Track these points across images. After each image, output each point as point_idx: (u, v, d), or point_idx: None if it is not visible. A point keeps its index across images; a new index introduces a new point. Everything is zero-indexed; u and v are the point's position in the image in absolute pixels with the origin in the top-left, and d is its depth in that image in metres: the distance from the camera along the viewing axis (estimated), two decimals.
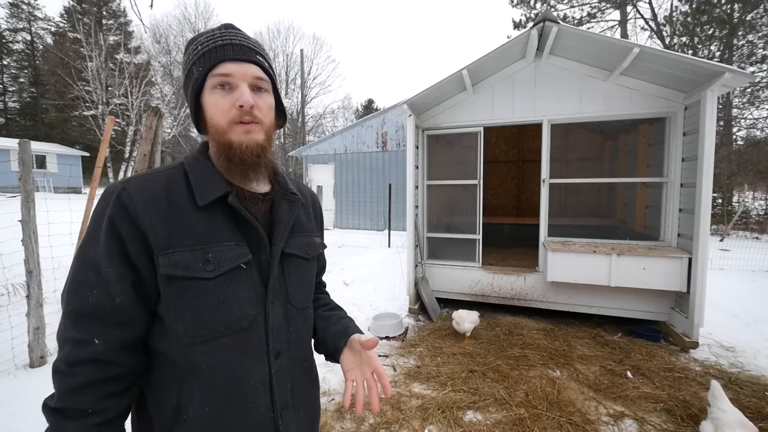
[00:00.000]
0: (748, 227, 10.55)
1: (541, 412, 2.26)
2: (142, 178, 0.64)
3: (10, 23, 25.71)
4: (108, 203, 0.60)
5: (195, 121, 0.70)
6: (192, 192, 0.64)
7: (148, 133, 2.76)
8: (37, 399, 2.22)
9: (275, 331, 0.69)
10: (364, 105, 34.16)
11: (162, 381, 0.65)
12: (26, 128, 26.71)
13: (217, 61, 0.63)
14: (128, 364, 0.62)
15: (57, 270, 3.25)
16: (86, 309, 0.59)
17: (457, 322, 3.37)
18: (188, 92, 0.68)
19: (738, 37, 11.19)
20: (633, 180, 4.35)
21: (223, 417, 0.63)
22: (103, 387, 0.59)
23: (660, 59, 3.10)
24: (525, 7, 15.27)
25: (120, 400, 0.62)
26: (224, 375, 0.63)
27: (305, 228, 0.81)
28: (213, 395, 0.63)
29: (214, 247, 0.63)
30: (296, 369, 0.75)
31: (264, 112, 0.67)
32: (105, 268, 0.59)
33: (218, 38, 0.65)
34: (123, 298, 0.60)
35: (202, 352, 0.62)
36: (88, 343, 0.59)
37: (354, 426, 2.17)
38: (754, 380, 2.65)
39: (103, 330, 0.59)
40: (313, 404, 0.82)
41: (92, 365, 0.59)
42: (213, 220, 0.64)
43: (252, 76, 0.65)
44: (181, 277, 0.60)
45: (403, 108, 3.92)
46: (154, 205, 0.61)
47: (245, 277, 0.66)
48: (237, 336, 0.65)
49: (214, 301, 0.62)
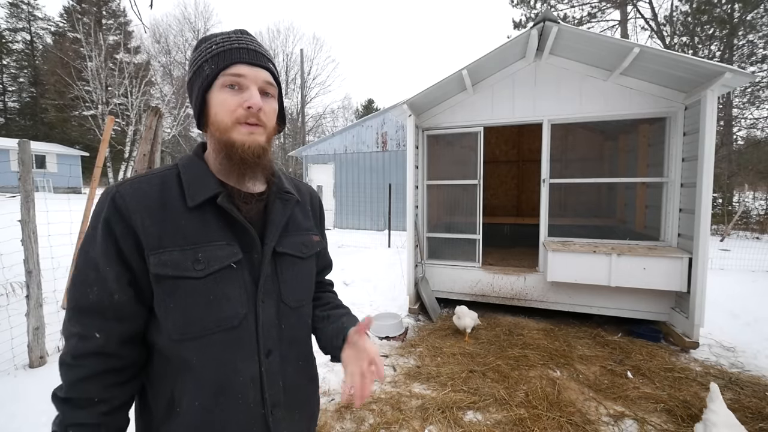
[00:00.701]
0: (748, 227, 10.55)
1: (542, 412, 2.26)
2: (136, 180, 0.66)
3: (9, 23, 25.71)
4: (104, 205, 0.63)
5: (197, 117, 0.72)
6: (184, 193, 0.66)
7: (148, 133, 2.76)
8: (36, 399, 2.23)
9: (266, 330, 0.70)
10: (364, 105, 34.14)
11: (159, 374, 0.67)
12: (26, 128, 26.71)
13: (232, 62, 0.66)
14: (129, 357, 0.65)
15: (57, 270, 3.24)
16: (87, 305, 0.62)
17: (458, 317, 3.41)
18: (194, 88, 0.69)
19: (738, 37, 11.18)
20: (633, 180, 4.35)
21: (212, 412, 0.65)
22: (107, 377, 0.63)
23: (660, 59, 3.09)
24: (525, 7, 15.26)
25: (124, 389, 0.66)
26: (214, 371, 0.65)
27: (301, 226, 0.81)
28: (203, 390, 0.65)
29: (205, 247, 0.64)
30: (289, 367, 0.75)
31: (269, 116, 0.69)
32: (103, 267, 0.62)
33: (234, 41, 0.68)
34: (121, 295, 0.62)
35: (192, 349, 0.64)
36: (90, 337, 0.62)
37: (354, 426, 2.17)
38: (755, 380, 2.65)
39: (103, 324, 0.62)
40: (309, 403, 0.82)
41: (95, 358, 0.62)
42: (204, 221, 0.66)
43: (263, 80, 0.68)
44: (170, 276, 0.62)
45: (403, 108, 3.92)
46: (146, 206, 0.63)
47: (235, 276, 0.67)
48: (227, 333, 0.66)
49: (204, 300, 0.64)
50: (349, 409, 2.31)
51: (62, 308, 3.46)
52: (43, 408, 2.11)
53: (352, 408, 2.32)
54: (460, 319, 3.41)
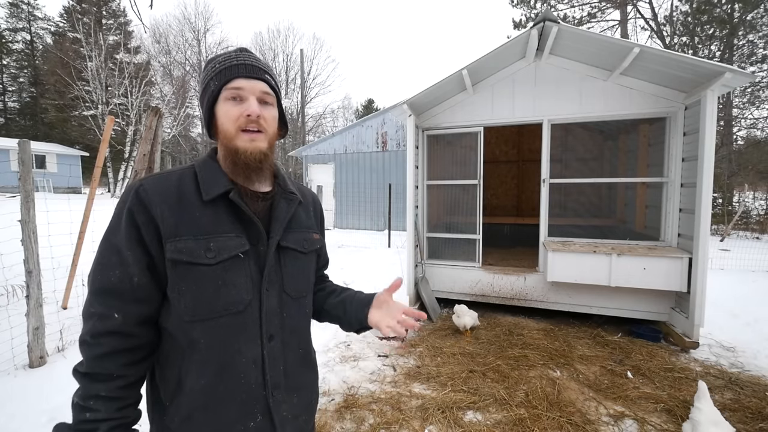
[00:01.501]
0: (748, 227, 10.56)
1: (542, 412, 2.26)
2: (157, 176, 0.75)
3: (9, 23, 25.72)
4: (128, 197, 0.70)
5: (207, 128, 0.81)
6: (200, 189, 0.74)
7: (148, 133, 2.76)
8: (36, 399, 2.23)
9: (269, 316, 0.77)
10: (364, 105, 34.13)
11: (168, 355, 0.74)
12: (26, 128, 26.72)
13: (231, 77, 0.74)
14: (145, 337, 0.72)
15: (57, 270, 3.25)
16: (109, 286, 0.68)
17: (458, 315, 3.44)
18: (204, 102, 0.78)
19: (738, 37, 11.18)
20: (633, 180, 4.35)
21: (215, 389, 0.71)
22: (124, 355, 0.69)
23: (660, 59, 3.09)
24: (525, 7, 15.27)
25: (139, 367, 0.72)
26: (219, 352, 0.71)
27: (303, 224, 0.88)
28: (208, 370, 0.71)
29: (216, 237, 0.71)
30: (290, 353, 0.81)
31: (268, 122, 0.77)
32: (125, 251, 0.68)
33: (233, 59, 0.77)
34: (140, 277, 0.69)
35: (200, 329, 0.70)
36: (110, 317, 0.68)
37: (354, 426, 2.17)
38: (755, 380, 2.65)
39: (122, 305, 0.68)
40: (308, 389, 0.87)
41: (113, 336, 0.68)
42: (216, 214, 0.73)
43: (260, 90, 0.76)
44: (185, 262, 0.69)
45: (403, 108, 3.92)
46: (165, 199, 0.70)
47: (243, 265, 0.74)
48: (233, 317, 0.72)
49: (213, 285, 0.71)
50: (349, 409, 2.31)
51: (62, 308, 3.46)
52: (43, 408, 2.11)
53: (352, 408, 2.32)
54: (459, 317, 3.42)
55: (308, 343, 0.90)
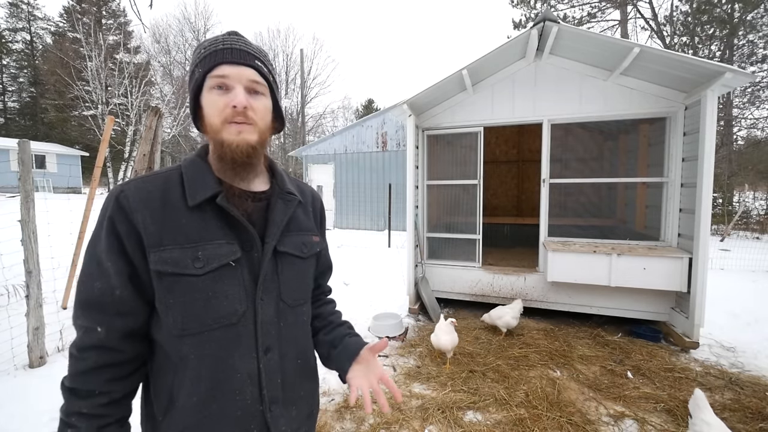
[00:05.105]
0: (748, 227, 10.55)
1: (542, 412, 2.26)
2: (141, 179, 0.68)
3: (9, 23, 25.71)
4: (109, 204, 0.66)
5: (194, 120, 0.73)
6: (185, 192, 0.68)
7: (148, 133, 2.76)
8: (36, 399, 2.22)
9: (265, 327, 0.71)
10: (364, 105, 34.13)
11: (159, 369, 0.69)
12: (26, 128, 26.71)
13: (216, 64, 0.66)
14: (130, 351, 0.67)
15: (57, 270, 3.25)
16: (91, 299, 0.65)
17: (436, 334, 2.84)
18: (189, 91, 0.72)
19: (738, 37, 11.18)
20: (633, 180, 4.35)
21: (208, 407, 0.66)
22: (108, 371, 0.65)
23: (660, 59, 3.09)
24: (525, 7, 15.26)
25: (125, 383, 0.68)
26: (210, 367, 0.66)
27: (302, 227, 0.82)
28: (200, 386, 0.66)
29: (204, 245, 0.66)
30: (288, 364, 0.76)
31: (259, 114, 0.69)
32: (105, 262, 0.64)
33: (220, 43, 0.68)
34: (122, 290, 0.64)
35: (191, 344, 0.65)
36: (93, 331, 0.64)
37: (354, 426, 2.17)
38: (755, 380, 2.65)
39: (104, 318, 0.64)
40: (308, 400, 0.82)
41: (97, 351, 0.64)
42: (204, 220, 0.67)
43: (248, 78, 0.67)
44: (171, 273, 0.64)
45: (403, 108, 3.92)
46: (147, 205, 0.65)
47: (234, 274, 0.68)
48: (226, 330, 0.67)
49: (203, 297, 0.65)
50: (349, 409, 2.31)
51: (62, 308, 3.46)
52: (43, 408, 2.11)
53: (352, 408, 2.32)
54: (437, 336, 2.78)
55: (308, 351, 0.84)
